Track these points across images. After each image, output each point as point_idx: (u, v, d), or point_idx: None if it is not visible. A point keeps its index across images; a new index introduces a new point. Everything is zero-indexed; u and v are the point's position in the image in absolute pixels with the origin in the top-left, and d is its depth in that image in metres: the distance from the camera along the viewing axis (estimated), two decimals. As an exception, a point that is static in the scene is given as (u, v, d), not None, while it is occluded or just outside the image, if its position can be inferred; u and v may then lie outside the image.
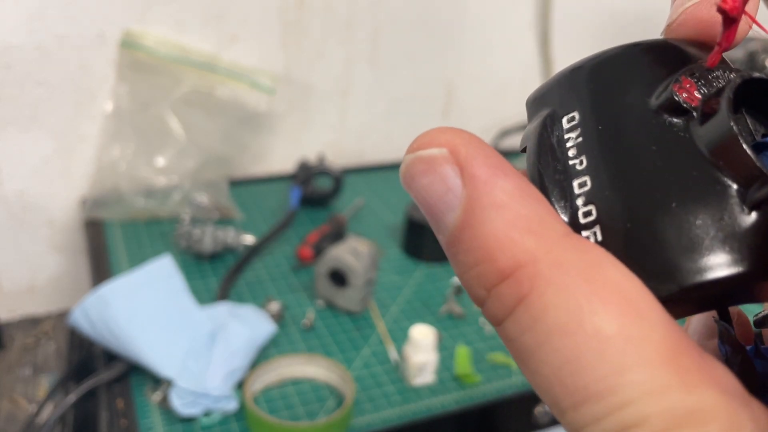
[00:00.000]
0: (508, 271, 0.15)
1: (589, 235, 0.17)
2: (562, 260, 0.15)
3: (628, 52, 0.19)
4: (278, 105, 1.16)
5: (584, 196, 0.18)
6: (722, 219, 0.16)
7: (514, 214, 0.16)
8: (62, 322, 1.03)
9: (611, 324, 0.14)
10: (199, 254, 0.94)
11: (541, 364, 0.15)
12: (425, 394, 0.78)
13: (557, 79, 0.20)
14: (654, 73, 0.19)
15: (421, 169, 0.17)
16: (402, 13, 1.19)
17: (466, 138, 0.17)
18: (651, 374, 0.14)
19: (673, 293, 0.16)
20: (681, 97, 0.18)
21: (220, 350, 0.75)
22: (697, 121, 0.17)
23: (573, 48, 1.35)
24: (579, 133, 0.19)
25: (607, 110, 0.18)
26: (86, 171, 1.06)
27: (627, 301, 0.15)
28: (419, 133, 0.17)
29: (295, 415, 0.73)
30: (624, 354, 0.14)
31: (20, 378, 0.98)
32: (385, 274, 0.96)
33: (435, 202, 0.17)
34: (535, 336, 0.15)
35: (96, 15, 0.99)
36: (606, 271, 0.15)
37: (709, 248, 0.16)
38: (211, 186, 1.06)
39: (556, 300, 0.15)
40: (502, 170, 0.16)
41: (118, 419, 0.71)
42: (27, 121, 1.00)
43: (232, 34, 1.09)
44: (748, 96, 0.18)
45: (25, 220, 1.05)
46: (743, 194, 0.16)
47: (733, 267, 0.16)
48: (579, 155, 0.18)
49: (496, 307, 0.16)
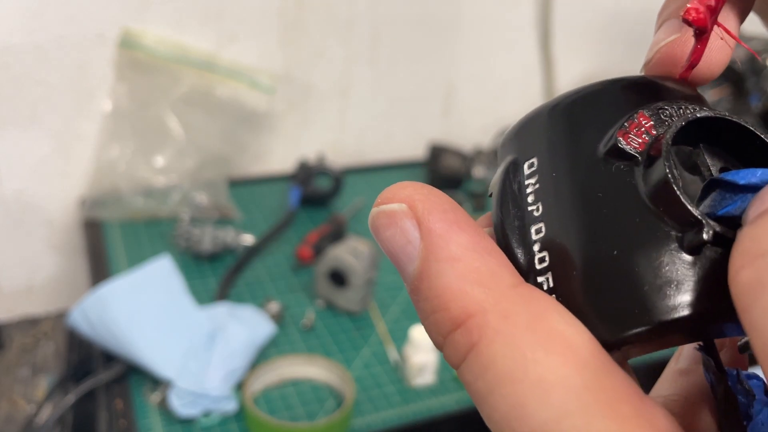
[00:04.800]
0: (460, 320, 0.16)
1: (543, 280, 0.18)
2: (509, 311, 0.16)
3: (603, 89, 0.20)
4: (278, 104, 1.15)
5: (540, 243, 0.18)
6: (662, 266, 0.16)
7: (467, 267, 0.17)
8: (61, 323, 1.03)
9: (553, 372, 0.15)
10: (198, 254, 0.94)
11: (491, 410, 0.16)
12: (425, 395, 0.77)
13: (527, 120, 0.21)
14: (614, 114, 0.19)
15: (384, 223, 0.18)
16: (402, 13, 1.19)
17: (425, 193, 0.18)
18: (590, 420, 0.14)
19: (615, 338, 0.17)
20: (625, 143, 0.18)
21: (219, 351, 0.74)
22: (642, 166, 0.18)
23: (573, 48, 1.35)
24: (537, 179, 0.19)
25: (561, 157, 0.19)
26: (85, 171, 1.06)
27: (569, 349, 0.15)
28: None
29: (294, 415, 0.73)
30: (565, 401, 0.15)
31: (19, 378, 0.98)
32: (385, 274, 0.95)
33: (397, 253, 0.18)
34: (485, 383, 0.16)
35: (95, 14, 0.99)
36: (550, 321, 0.16)
37: (648, 295, 0.16)
38: (211, 186, 1.06)
39: (503, 350, 0.16)
40: (458, 224, 0.17)
41: (117, 420, 0.71)
42: (26, 120, 1.00)
43: (232, 34, 1.08)
44: (709, 130, 0.18)
45: (23, 220, 1.05)
46: (681, 240, 0.16)
47: (670, 313, 0.16)
48: (536, 202, 0.19)
49: (451, 353, 0.17)
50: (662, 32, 0.21)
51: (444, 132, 1.31)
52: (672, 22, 0.21)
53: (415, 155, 1.28)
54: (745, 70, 1.07)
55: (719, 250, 0.16)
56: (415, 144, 1.28)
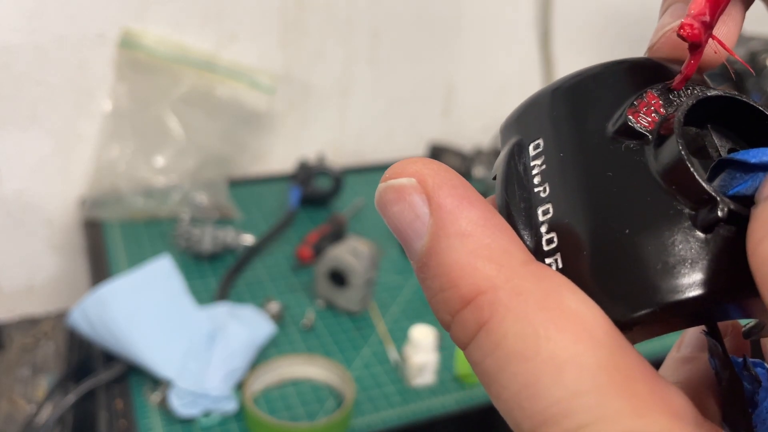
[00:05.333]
0: (470, 297, 0.16)
1: (552, 262, 0.18)
2: (521, 288, 0.16)
3: (605, 71, 0.19)
4: (278, 104, 1.15)
5: (547, 224, 0.18)
6: (674, 244, 0.16)
7: (477, 243, 0.16)
8: (61, 323, 1.03)
9: (566, 350, 0.15)
10: (198, 254, 0.94)
11: (501, 388, 0.15)
12: (425, 395, 0.77)
13: (529, 103, 0.20)
14: (620, 94, 0.19)
15: (391, 198, 0.18)
16: (402, 13, 1.19)
17: (435, 168, 0.18)
18: (604, 399, 0.14)
19: (627, 319, 0.16)
20: (635, 122, 0.18)
21: (219, 351, 0.74)
22: (652, 145, 0.17)
23: (573, 47, 1.34)
24: (543, 160, 0.19)
25: (568, 137, 0.19)
26: (85, 171, 1.06)
27: (582, 327, 0.15)
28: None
29: (294, 415, 0.73)
30: (578, 379, 0.14)
31: (19, 378, 0.98)
32: (385, 274, 0.95)
33: (405, 229, 0.17)
34: (495, 361, 0.15)
35: (95, 14, 0.99)
36: (563, 299, 0.16)
37: (661, 274, 0.16)
38: (211, 186, 1.06)
39: (515, 327, 0.15)
40: (468, 200, 0.17)
41: (117, 420, 0.71)
42: (26, 120, 1.00)
43: (232, 34, 1.08)
44: (716, 111, 0.18)
45: (23, 220, 1.05)
46: (695, 218, 0.16)
47: (685, 292, 0.16)
48: (543, 183, 0.18)
49: (460, 331, 0.16)
50: (668, 16, 0.20)
51: (444, 132, 1.31)
52: (677, 6, 0.20)
53: (415, 155, 1.28)
54: (745, 70, 1.07)
55: (732, 228, 0.16)
56: (415, 144, 1.28)
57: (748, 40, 1.10)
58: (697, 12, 0.18)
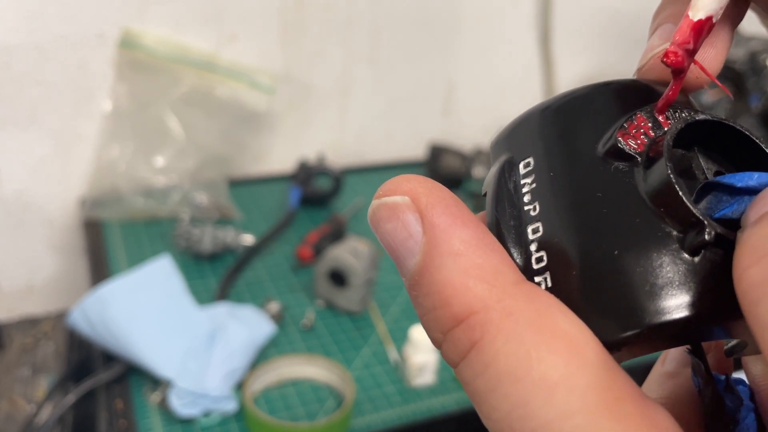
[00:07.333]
0: (462, 316, 0.16)
1: (541, 280, 0.18)
2: (513, 309, 0.16)
3: (594, 92, 0.20)
4: (278, 104, 1.15)
5: (537, 242, 0.18)
6: (662, 266, 0.16)
7: (470, 263, 0.16)
8: (61, 323, 1.03)
9: (557, 371, 0.15)
10: (198, 254, 0.94)
11: (492, 408, 0.15)
12: (425, 395, 0.77)
13: (519, 122, 0.21)
14: (610, 116, 0.19)
15: (384, 215, 0.18)
16: (402, 13, 1.19)
17: (429, 187, 0.18)
18: (594, 420, 0.14)
19: (615, 339, 0.16)
20: (625, 144, 0.18)
21: (219, 351, 0.74)
22: (641, 167, 0.18)
23: (573, 47, 1.34)
24: (533, 179, 0.19)
25: (558, 156, 0.19)
26: (85, 171, 1.06)
27: (573, 348, 0.15)
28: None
29: (294, 415, 0.73)
30: (569, 400, 0.14)
31: (19, 378, 0.98)
32: (385, 274, 0.95)
33: (397, 247, 0.18)
34: (486, 381, 0.16)
35: (95, 14, 0.99)
36: (554, 320, 0.16)
37: (649, 295, 0.16)
38: (211, 186, 1.06)
39: (506, 347, 0.15)
40: (461, 219, 0.17)
41: (117, 420, 0.71)
42: (26, 120, 1.00)
43: (232, 34, 1.08)
44: (703, 134, 0.18)
45: (23, 220, 1.05)
46: (683, 240, 0.16)
47: (672, 313, 0.16)
48: (533, 201, 0.19)
49: (451, 350, 0.16)
50: (656, 38, 0.21)
51: (444, 132, 1.31)
52: (666, 27, 0.21)
53: (415, 155, 1.28)
54: (745, 70, 1.07)
55: (719, 252, 0.16)
56: (415, 144, 1.28)
57: (748, 40, 1.10)
58: (681, 40, 0.18)
